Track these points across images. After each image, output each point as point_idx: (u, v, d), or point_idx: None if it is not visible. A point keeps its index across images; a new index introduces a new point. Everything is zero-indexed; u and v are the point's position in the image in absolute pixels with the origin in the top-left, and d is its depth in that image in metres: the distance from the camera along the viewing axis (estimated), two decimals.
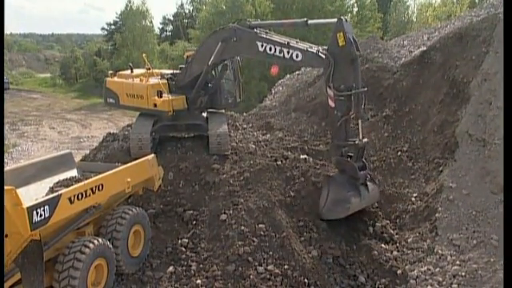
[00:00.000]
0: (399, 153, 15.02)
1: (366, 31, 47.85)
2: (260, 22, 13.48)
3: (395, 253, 11.73)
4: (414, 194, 13.50)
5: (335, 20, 11.36)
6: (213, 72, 14.80)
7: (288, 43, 12.21)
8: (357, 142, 11.56)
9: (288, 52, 12.10)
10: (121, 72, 15.80)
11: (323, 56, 11.61)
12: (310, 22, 12.41)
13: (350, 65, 11.25)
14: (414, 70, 17.20)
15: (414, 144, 15.12)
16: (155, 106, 14.12)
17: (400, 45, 20.82)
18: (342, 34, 11.18)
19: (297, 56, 12.02)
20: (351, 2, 55.18)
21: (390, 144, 15.49)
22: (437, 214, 12.23)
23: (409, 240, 12.12)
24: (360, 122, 11.70)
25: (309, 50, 11.98)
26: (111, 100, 15.27)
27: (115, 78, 15.41)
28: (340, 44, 11.24)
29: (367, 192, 12.20)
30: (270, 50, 12.33)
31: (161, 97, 13.98)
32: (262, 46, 12.43)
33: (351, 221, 12.47)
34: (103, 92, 15.66)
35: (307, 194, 12.85)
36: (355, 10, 55.76)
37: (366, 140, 11.86)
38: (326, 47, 11.75)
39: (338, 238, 11.86)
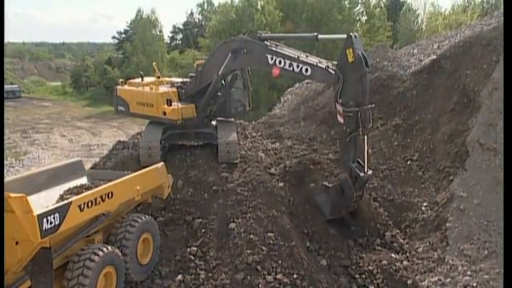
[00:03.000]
0: (409, 162, 14.93)
1: (376, 40, 47.85)
2: (271, 35, 13.42)
3: (405, 263, 11.62)
4: (425, 204, 13.39)
5: (345, 36, 11.28)
6: (222, 81, 14.85)
7: (298, 57, 12.15)
8: (361, 175, 11.46)
9: (298, 66, 12.05)
10: (131, 80, 15.93)
11: (332, 72, 11.56)
12: (320, 36, 12.37)
13: (359, 81, 11.13)
14: (423, 79, 17.13)
15: (424, 153, 15.02)
16: (164, 114, 14.18)
17: (410, 53, 20.75)
18: (351, 50, 11.10)
19: (306, 70, 11.96)
20: (360, 11, 55.18)
21: (400, 153, 15.40)
22: (447, 224, 12.11)
23: (419, 250, 12.00)
24: (366, 151, 11.62)
25: (318, 65, 11.90)
26: (121, 108, 15.41)
27: (126, 86, 15.53)
28: (349, 60, 11.16)
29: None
30: (280, 63, 12.29)
31: (170, 105, 14.04)
32: (272, 58, 12.40)
33: (361, 230, 12.40)
34: (114, 100, 15.77)
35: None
36: (364, 18, 55.81)
37: (370, 172, 11.85)
38: (335, 62, 11.70)
39: (348, 248, 11.78)
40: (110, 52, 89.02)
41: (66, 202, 8.64)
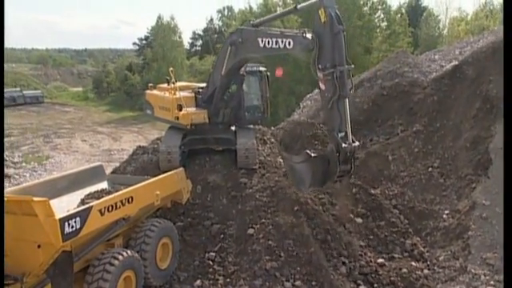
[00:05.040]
0: (430, 169, 14.74)
1: (396, 46, 47.43)
2: (260, 20, 13.30)
3: (426, 271, 11.45)
4: (446, 211, 13.20)
5: None
6: (234, 87, 14.86)
7: (282, 32, 11.99)
8: (344, 146, 10.36)
9: (282, 41, 11.70)
10: (160, 85, 16.07)
11: (309, 37, 11.06)
12: (298, 6, 12.12)
13: (334, 40, 10.58)
14: (445, 85, 16.94)
15: (446, 160, 14.82)
16: (177, 118, 14.33)
17: (431, 59, 20.55)
18: (322, 10, 10.58)
19: (289, 44, 11.55)
20: (381, 17, 54.82)
21: (421, 160, 15.23)
22: (469, 232, 11.92)
23: (440, 258, 11.82)
24: (349, 121, 10.63)
25: (297, 34, 11.53)
26: (148, 111, 15.80)
27: (154, 91, 15.76)
28: (322, 21, 10.65)
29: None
30: (269, 43, 11.99)
31: (180, 110, 14.16)
32: (262, 41, 12.16)
33: (381, 237, 12.28)
34: (144, 103, 16.17)
35: (338, 209, 12.72)
36: (384, 24, 55.39)
37: (356, 144, 10.66)
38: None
39: (367, 255, 11.66)
40: (131, 58, 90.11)
41: (86, 206, 8.76)
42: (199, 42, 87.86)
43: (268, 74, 15.14)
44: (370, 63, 43.64)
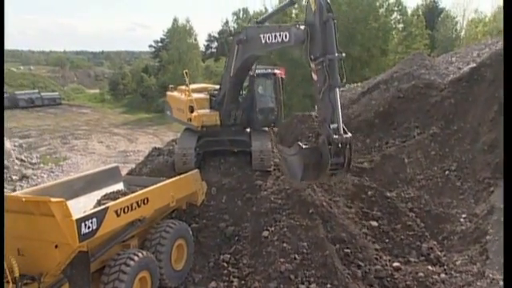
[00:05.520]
0: (447, 172, 14.58)
1: (413, 48, 47.02)
2: (263, 16, 13.29)
3: (443, 275, 11.30)
4: (463, 215, 13.03)
5: None
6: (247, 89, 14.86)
7: (279, 26, 11.92)
8: (335, 137, 9.93)
9: (280, 35, 11.60)
10: (180, 87, 16.18)
11: (302, 28, 10.93)
12: None
13: (324, 29, 10.37)
14: (462, 87, 16.74)
15: (463, 163, 14.64)
16: (190, 120, 14.41)
17: (448, 61, 20.36)
18: None
19: (286, 36, 11.43)
20: (397, 19, 54.37)
21: (438, 163, 15.07)
22: (487, 237, 11.74)
23: (457, 263, 11.67)
24: (340, 112, 10.18)
25: (292, 26, 11.40)
26: (168, 112, 16.07)
27: (174, 92, 15.89)
28: (313, 10, 10.54)
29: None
30: (269, 39, 11.92)
31: (192, 112, 14.23)
32: (264, 37, 12.11)
33: (397, 240, 12.17)
34: (164, 105, 16.51)
35: (354, 212, 12.63)
36: (401, 26, 54.94)
37: (348, 135, 10.12)
38: None
39: (383, 259, 11.56)
40: (147, 60, 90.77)
41: (103, 207, 8.84)
42: (215, 44, 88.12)
43: (283, 76, 15.11)
44: (386, 65, 43.33)
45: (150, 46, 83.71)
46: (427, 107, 17.11)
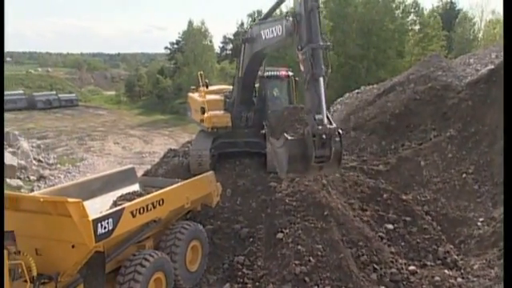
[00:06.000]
0: (464, 175, 14.39)
1: (429, 49, 46.61)
2: (266, 13, 13.16)
3: (459, 280, 11.14)
4: (481, 219, 12.85)
5: None
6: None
7: (275, 20, 11.84)
8: (318, 128, 9.54)
9: (275, 29, 11.46)
10: (200, 88, 16.29)
11: (290, 19, 10.67)
12: None
13: (308, 18, 10.06)
14: (480, 90, 16.53)
15: (481, 166, 14.44)
16: (202, 121, 14.49)
17: (465, 63, 20.13)
18: None
19: (280, 30, 11.26)
20: (413, 20, 53.94)
21: (455, 165, 14.89)
22: None
23: (474, 267, 11.50)
24: (324, 102, 9.85)
25: (283, 19, 11.21)
26: (189, 113, 16.28)
27: (193, 94, 16.01)
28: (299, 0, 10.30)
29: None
30: (268, 34, 11.82)
31: (203, 113, 14.30)
32: (263, 33, 12.04)
33: (412, 243, 12.05)
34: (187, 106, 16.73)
35: (369, 215, 12.55)
36: (417, 27, 54.51)
37: (333, 126, 9.77)
38: None
39: (399, 262, 11.46)
40: (163, 62, 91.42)
41: (119, 208, 8.91)
42: (230, 46, 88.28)
43: (297, 78, 15.05)
44: (402, 67, 43.02)
45: (166, 48, 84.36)
46: (444, 109, 16.92)
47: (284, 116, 12.49)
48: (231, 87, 15.89)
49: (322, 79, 9.85)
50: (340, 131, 10.17)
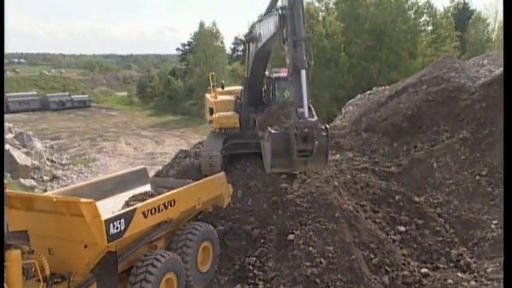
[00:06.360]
0: (477, 177, 14.24)
1: (442, 50, 46.22)
2: (266, 9, 12.96)
3: (473, 283, 11.02)
4: (494, 221, 12.70)
5: None
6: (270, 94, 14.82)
7: (269, 15, 11.70)
8: (299, 121, 9.32)
9: (269, 25, 11.42)
10: (217, 89, 16.34)
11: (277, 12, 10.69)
12: None
13: (292, 11, 10.00)
14: (494, 91, 16.33)
15: (494, 168, 14.27)
16: (211, 122, 14.53)
17: (479, 64, 19.92)
18: None
19: (272, 25, 11.19)
20: (426, 21, 53.52)
21: (468, 167, 14.73)
22: None
23: (488, 270, 11.36)
24: (306, 95, 9.63)
25: (273, 14, 11.17)
26: (206, 114, 16.15)
27: (210, 94, 16.12)
28: None
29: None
30: (265, 30, 11.77)
31: (212, 114, 14.34)
32: (262, 31, 12.05)
33: (425, 246, 11.96)
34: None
35: (381, 217, 12.47)
36: (429, 28, 54.08)
37: (313, 120, 9.59)
38: None
39: (411, 265, 11.37)
40: (174, 63, 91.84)
41: (131, 208, 8.96)
42: (241, 47, 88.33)
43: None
44: (414, 68, 42.73)
45: (178, 49, 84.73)
46: (457, 111, 16.76)
47: (272, 111, 12.49)
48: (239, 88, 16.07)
49: (304, 71, 9.76)
50: (327, 126, 10.09)
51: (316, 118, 9.72)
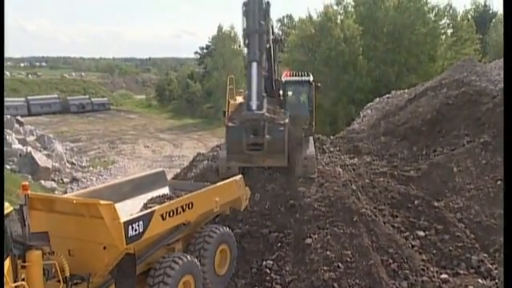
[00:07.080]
0: (499, 182, 14.00)
1: (462, 53, 45.59)
2: None
3: None
4: None
5: None
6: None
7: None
8: (245, 113, 9.37)
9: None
10: (239, 91, 16.31)
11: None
12: None
13: (248, 4, 10.25)
14: None
15: None
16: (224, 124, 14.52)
17: (500, 67, 19.59)
18: None
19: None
20: (446, 24, 52.86)
21: (489, 172, 14.49)
22: None
23: None
24: (254, 87, 9.58)
25: None
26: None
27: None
28: None
29: None
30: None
31: (224, 116, 14.36)
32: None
33: (445, 251, 11.80)
34: None
35: (400, 221, 12.34)
36: (450, 31, 53.41)
37: (260, 112, 9.49)
38: None
39: (430, 270, 11.23)
40: (193, 67, 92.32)
41: (149, 210, 9.02)
42: None
43: (319, 84, 14.87)
44: (434, 71, 42.22)
45: (196, 53, 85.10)
46: (478, 115, 16.52)
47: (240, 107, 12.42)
48: None
49: (255, 64, 9.80)
50: (286, 121, 9.95)
51: (265, 110, 9.48)
